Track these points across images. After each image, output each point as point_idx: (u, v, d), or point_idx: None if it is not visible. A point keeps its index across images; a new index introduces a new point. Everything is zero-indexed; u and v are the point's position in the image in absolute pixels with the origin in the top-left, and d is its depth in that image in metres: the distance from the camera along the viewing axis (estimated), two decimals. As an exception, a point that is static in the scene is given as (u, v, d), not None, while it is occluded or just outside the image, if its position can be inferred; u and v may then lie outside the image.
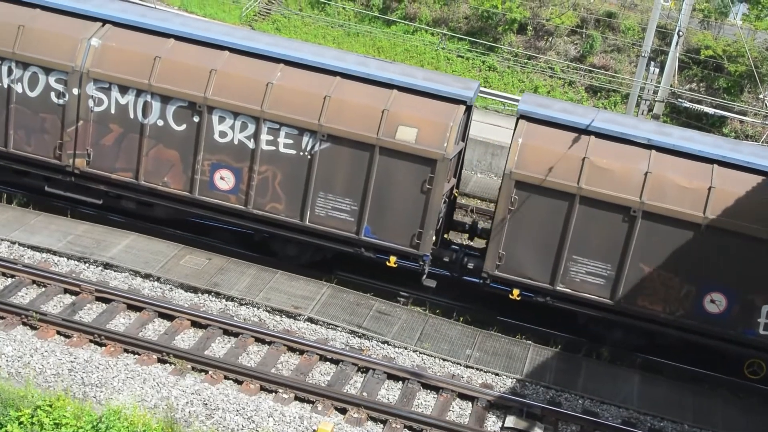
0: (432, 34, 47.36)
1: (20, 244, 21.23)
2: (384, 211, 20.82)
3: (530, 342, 20.87)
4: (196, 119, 21.15)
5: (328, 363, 18.97)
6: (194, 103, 21.07)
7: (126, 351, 18.18)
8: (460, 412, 18.18)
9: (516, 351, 20.36)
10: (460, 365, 19.61)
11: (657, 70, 33.62)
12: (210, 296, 20.58)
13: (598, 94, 44.38)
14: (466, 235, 24.75)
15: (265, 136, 20.93)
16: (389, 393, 18.34)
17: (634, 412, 18.86)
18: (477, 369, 19.56)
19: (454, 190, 22.85)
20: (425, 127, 20.43)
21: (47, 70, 21.57)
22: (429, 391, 18.62)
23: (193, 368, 17.98)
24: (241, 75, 21.10)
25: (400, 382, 18.69)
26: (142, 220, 22.97)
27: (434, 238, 21.09)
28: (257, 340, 19.27)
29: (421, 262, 21.08)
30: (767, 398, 20.40)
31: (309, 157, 20.84)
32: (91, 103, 21.54)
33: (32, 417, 15.47)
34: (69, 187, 22.42)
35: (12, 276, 20.00)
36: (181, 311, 19.60)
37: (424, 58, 45.98)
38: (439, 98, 20.78)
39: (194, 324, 19.48)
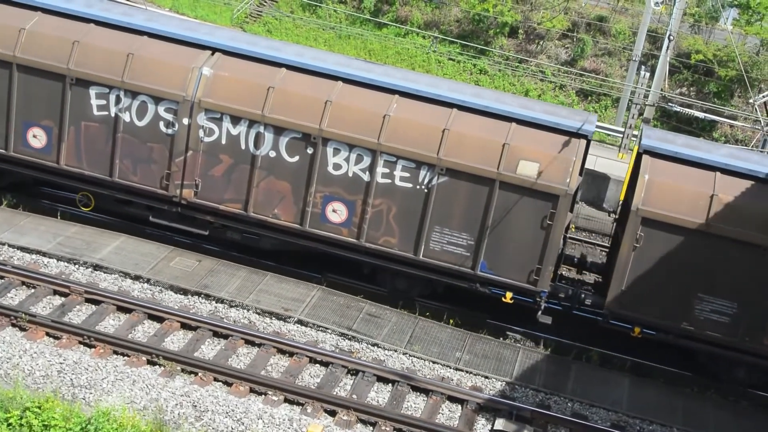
0: (423, 37, 47.41)
1: (10, 246, 21.18)
2: (501, 247, 20.47)
3: (520, 345, 20.88)
4: (309, 151, 20.85)
5: (317, 365, 18.96)
6: (309, 134, 20.74)
7: (115, 353, 18.15)
8: (449, 414, 18.19)
9: (506, 354, 20.37)
10: (450, 368, 19.61)
11: (647, 74, 33.69)
12: (200, 298, 20.56)
13: (589, 97, 44.48)
14: (574, 269, 24.19)
15: (381, 169, 20.60)
16: (379, 395, 18.33)
17: (624, 416, 18.88)
18: (467, 372, 19.57)
19: (571, 225, 22.46)
20: (547, 161, 20.04)
21: (157, 99, 21.24)
22: (418, 393, 18.62)
23: (182, 370, 17.96)
24: (357, 106, 20.76)
25: (390, 384, 18.68)
26: (248, 254, 22.68)
27: (552, 273, 20.78)
28: (247, 342, 19.25)
29: (537, 299, 20.84)
30: (757, 402, 20.47)
31: (426, 190, 20.53)
32: (201, 133, 21.23)
33: (21, 419, 15.42)
34: (174, 217, 22.18)
35: (1, 277, 19.94)
36: (170, 313, 19.57)
37: (416, 61, 46.04)
38: (560, 132, 20.36)
39: (184, 326, 19.45)
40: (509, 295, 20.88)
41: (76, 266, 20.95)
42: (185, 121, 21.23)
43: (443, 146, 20.29)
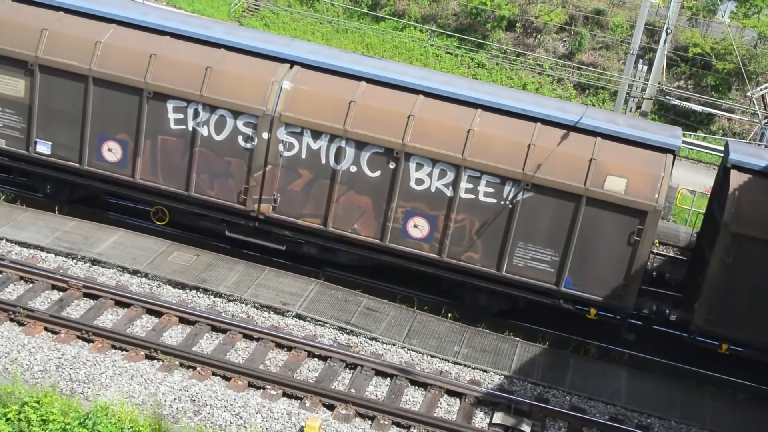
0: (421, 31, 47.40)
1: (8, 240, 21.15)
2: (587, 263, 20.21)
3: (518, 339, 20.89)
4: (391, 166, 20.65)
5: (316, 359, 18.97)
6: (391, 149, 20.52)
7: (114, 347, 18.14)
8: (448, 408, 18.20)
9: (504, 347, 20.39)
10: (448, 362, 19.62)
11: (645, 68, 33.71)
12: (198, 292, 20.55)
13: (587, 91, 44.49)
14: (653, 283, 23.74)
15: (464, 184, 20.37)
16: (377, 389, 18.35)
17: (622, 409, 18.90)
18: (465, 365, 19.58)
19: (655, 240, 22.06)
20: (635, 177, 19.80)
21: (236, 114, 21.01)
22: (417, 387, 18.63)
23: (181, 364, 17.96)
24: (440, 121, 20.52)
25: (388, 378, 18.69)
26: (328, 267, 22.47)
27: (638, 289, 20.52)
28: (245, 336, 19.26)
29: (622, 315, 20.66)
30: (754, 394, 20.49)
31: (510, 206, 20.30)
32: (281, 147, 21.00)
33: (19, 413, 15.43)
34: (250, 232, 22.01)
35: (-1, 272, 19.96)
36: (169, 307, 19.56)
37: (413, 54, 46.03)
38: (647, 147, 20.11)
39: (182, 320, 19.45)
40: (593, 311, 20.70)
41: (74, 261, 20.94)
42: (265, 135, 21.01)
43: (528, 161, 20.08)
